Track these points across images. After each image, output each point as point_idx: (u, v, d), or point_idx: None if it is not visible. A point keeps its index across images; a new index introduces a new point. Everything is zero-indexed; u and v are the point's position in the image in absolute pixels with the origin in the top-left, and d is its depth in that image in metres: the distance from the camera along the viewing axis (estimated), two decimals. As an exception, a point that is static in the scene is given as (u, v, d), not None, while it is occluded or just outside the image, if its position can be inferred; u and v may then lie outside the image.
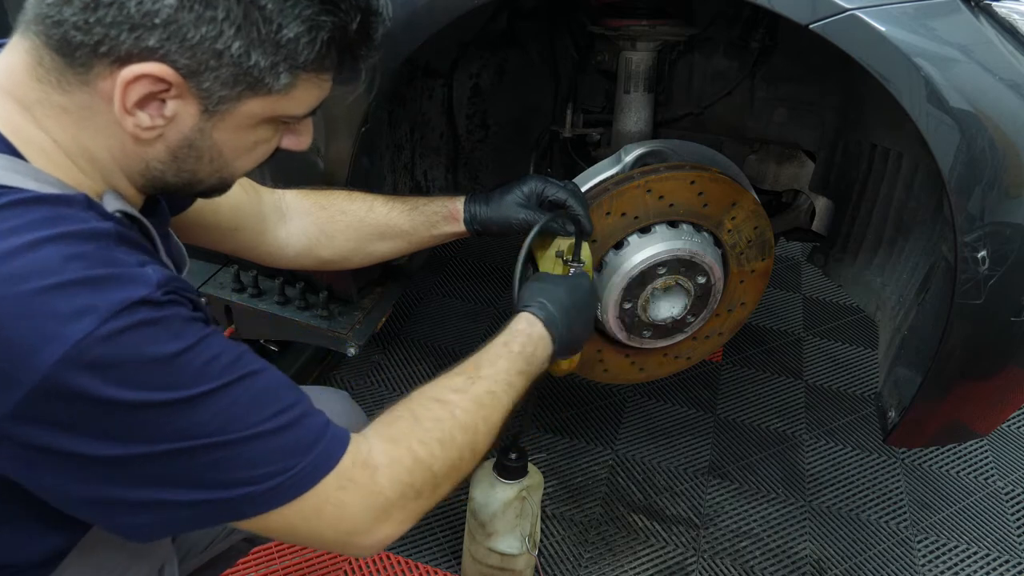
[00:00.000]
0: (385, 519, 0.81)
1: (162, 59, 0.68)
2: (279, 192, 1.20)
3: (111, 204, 0.74)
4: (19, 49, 0.72)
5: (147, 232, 0.79)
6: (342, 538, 0.80)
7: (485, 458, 1.00)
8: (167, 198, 0.93)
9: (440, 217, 1.24)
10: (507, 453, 1.47)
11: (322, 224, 1.20)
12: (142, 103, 0.70)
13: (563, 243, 1.27)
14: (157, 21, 0.66)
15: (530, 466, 1.51)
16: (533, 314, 1.07)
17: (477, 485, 1.51)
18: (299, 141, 0.85)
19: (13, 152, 0.70)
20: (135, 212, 0.77)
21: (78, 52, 0.68)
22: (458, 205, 1.24)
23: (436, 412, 0.88)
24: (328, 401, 1.09)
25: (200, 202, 1.04)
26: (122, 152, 0.74)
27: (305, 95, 0.77)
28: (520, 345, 1.02)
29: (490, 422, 0.93)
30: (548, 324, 1.06)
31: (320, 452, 0.76)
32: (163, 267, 0.72)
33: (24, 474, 0.68)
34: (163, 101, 0.71)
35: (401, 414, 0.88)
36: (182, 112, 0.72)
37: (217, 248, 1.14)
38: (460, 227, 1.24)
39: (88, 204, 0.70)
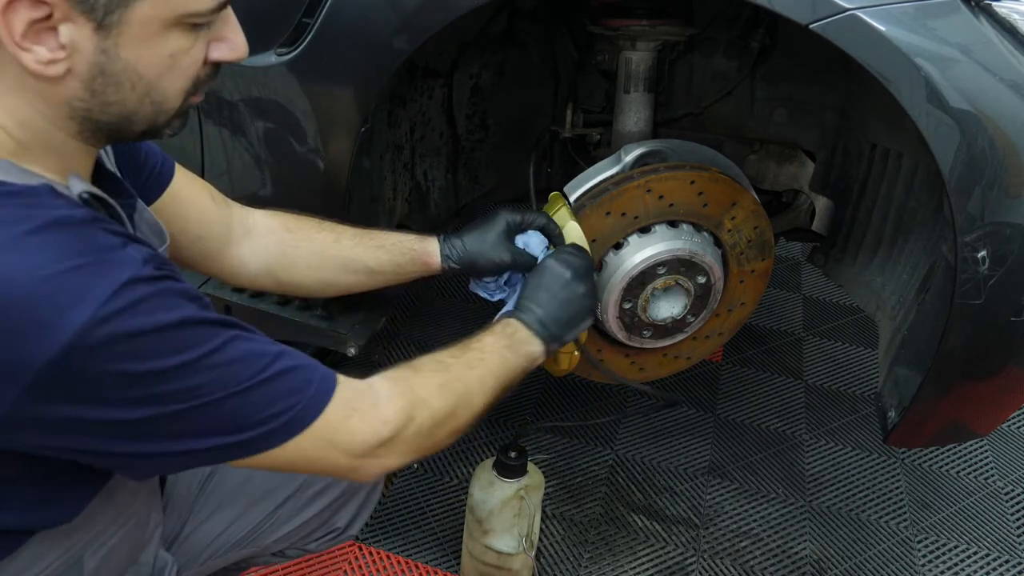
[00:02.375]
0: (389, 445, 0.88)
1: None
2: (248, 209, 1.18)
3: (76, 187, 0.74)
4: None
5: (114, 211, 0.78)
6: (350, 462, 0.87)
7: (485, 456, 1.00)
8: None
9: (408, 259, 1.22)
10: (507, 452, 1.48)
11: (285, 247, 1.18)
12: (34, 36, 0.67)
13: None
14: None
15: (531, 466, 1.51)
16: (508, 315, 1.12)
17: (476, 482, 1.51)
18: (231, 47, 0.79)
19: None
20: (100, 192, 0.77)
21: None
22: (428, 247, 1.22)
23: (432, 366, 0.97)
24: None
25: (168, 204, 1.03)
26: (44, 101, 0.72)
27: None
28: (500, 328, 1.08)
29: (484, 384, 0.99)
30: (523, 319, 1.11)
31: (320, 383, 0.83)
32: (142, 245, 0.74)
33: (46, 444, 0.72)
34: (55, 30, 0.68)
35: (399, 367, 0.95)
36: (77, 36, 0.69)
37: (176, 259, 1.09)
38: (430, 269, 1.23)
39: (53, 193, 0.70)
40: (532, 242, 1.23)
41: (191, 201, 1.07)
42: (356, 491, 1.23)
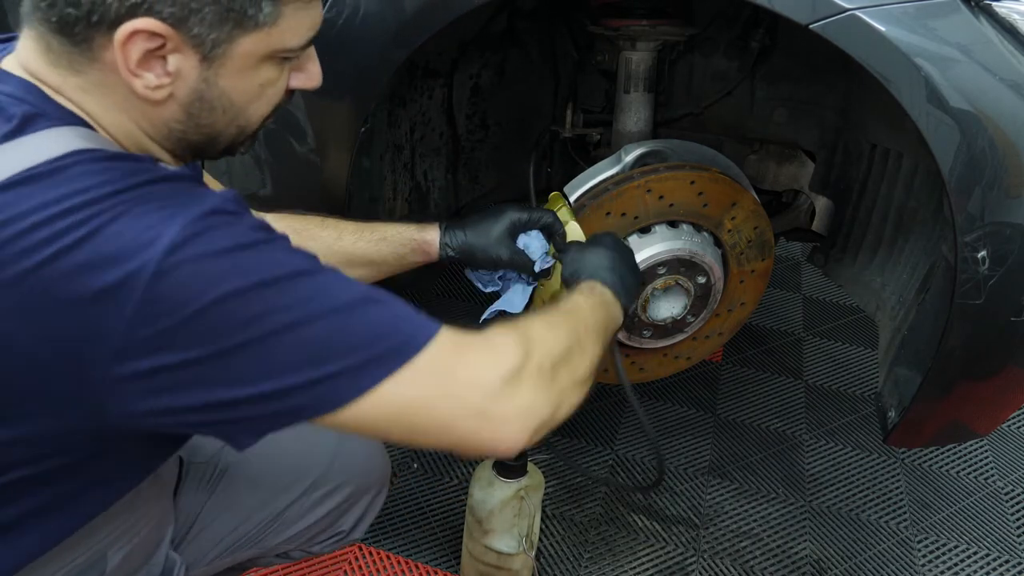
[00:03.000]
0: (516, 379, 0.78)
1: (148, 12, 0.70)
2: (260, 215, 1.20)
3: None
4: (29, 40, 0.75)
5: None
6: (480, 403, 0.76)
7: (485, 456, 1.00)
8: None
9: (409, 249, 1.24)
10: (507, 453, 1.47)
11: None
12: (145, 63, 0.73)
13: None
14: None
15: (531, 466, 1.51)
16: (592, 284, 1.11)
17: (476, 482, 1.51)
18: (309, 77, 0.86)
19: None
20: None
21: (76, 28, 0.71)
22: (428, 236, 1.23)
23: (534, 316, 0.91)
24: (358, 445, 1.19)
25: None
26: (146, 120, 0.78)
27: (295, 23, 0.78)
28: (588, 288, 1.08)
29: (588, 330, 0.95)
30: (607, 282, 1.11)
31: (422, 318, 0.77)
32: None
33: (148, 408, 0.69)
34: (164, 59, 0.74)
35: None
36: (184, 66, 0.75)
37: None
38: (430, 258, 1.24)
39: (154, 160, 0.76)
40: (533, 245, 1.23)
41: None
42: (363, 493, 1.23)
